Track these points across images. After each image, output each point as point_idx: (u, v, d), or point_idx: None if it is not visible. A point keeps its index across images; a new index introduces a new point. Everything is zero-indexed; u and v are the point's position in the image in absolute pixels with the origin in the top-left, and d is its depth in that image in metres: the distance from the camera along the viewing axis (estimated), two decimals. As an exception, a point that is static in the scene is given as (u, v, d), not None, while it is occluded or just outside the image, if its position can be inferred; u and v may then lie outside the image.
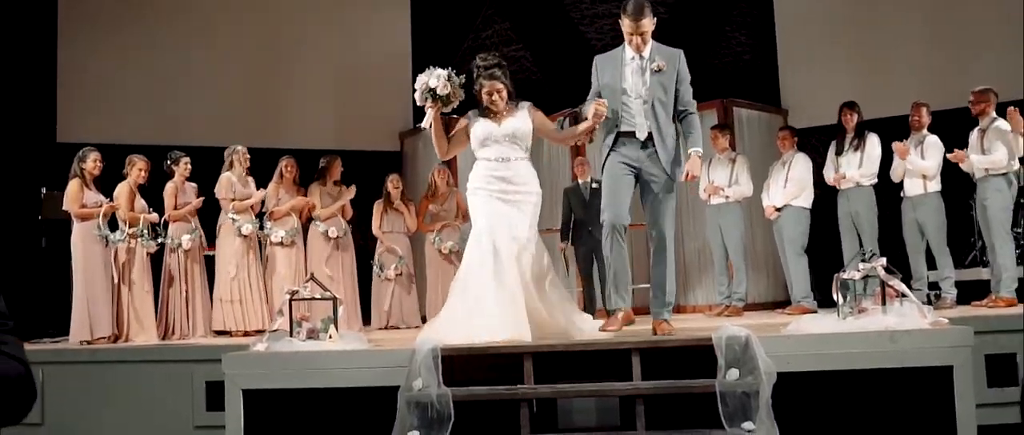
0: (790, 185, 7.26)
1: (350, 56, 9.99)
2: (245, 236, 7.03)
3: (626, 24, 4.74)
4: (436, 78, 4.82)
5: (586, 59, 5.05)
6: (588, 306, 7.44)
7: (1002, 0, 8.28)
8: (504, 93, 4.91)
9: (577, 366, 4.14)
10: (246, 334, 6.62)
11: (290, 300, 4.54)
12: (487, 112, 4.94)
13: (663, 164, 4.77)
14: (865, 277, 4.35)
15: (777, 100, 9.52)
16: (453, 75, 4.88)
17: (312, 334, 4.52)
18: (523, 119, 4.95)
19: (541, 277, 4.80)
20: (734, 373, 3.76)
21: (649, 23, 4.73)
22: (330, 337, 4.51)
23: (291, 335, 4.51)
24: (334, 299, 4.65)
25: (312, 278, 4.94)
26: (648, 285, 4.88)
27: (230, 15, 9.65)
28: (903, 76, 8.60)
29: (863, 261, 4.40)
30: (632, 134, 4.79)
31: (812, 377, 4.06)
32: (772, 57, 9.68)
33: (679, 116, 4.88)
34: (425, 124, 5.02)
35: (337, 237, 7.45)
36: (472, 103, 5.00)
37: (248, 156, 7.35)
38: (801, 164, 7.32)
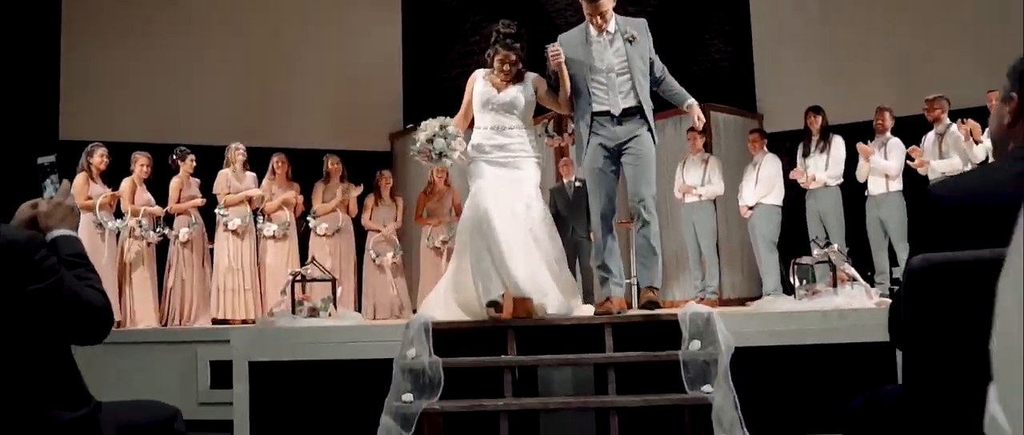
0: (760, 185, 7.75)
1: (344, 60, 10.39)
2: (233, 230, 7.43)
3: (585, 6, 4.89)
4: (430, 134, 4.81)
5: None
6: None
7: (961, 13, 8.81)
8: (518, 65, 4.98)
9: (556, 339, 4.57)
10: (243, 322, 7.04)
11: (293, 281, 4.97)
12: (492, 74, 5.01)
13: (652, 132, 4.88)
14: (819, 262, 4.81)
15: (753, 105, 9.99)
16: (447, 129, 4.85)
17: (313, 312, 4.95)
18: (524, 89, 4.99)
19: (547, 234, 4.92)
20: (696, 344, 4.21)
21: (608, 2, 4.88)
22: (329, 314, 4.93)
23: (293, 312, 4.94)
24: (333, 280, 5.08)
25: (313, 261, 5.36)
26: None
27: (229, 19, 10.05)
28: (870, 84, 9.08)
29: (819, 248, 4.87)
30: (607, 113, 4.88)
31: (769, 351, 4.51)
32: (748, 64, 10.15)
33: (657, 82, 5.03)
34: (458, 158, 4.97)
35: (328, 234, 7.86)
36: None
37: (242, 152, 7.77)
38: (771, 165, 7.81)
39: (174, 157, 7.51)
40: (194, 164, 7.54)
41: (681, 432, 4.04)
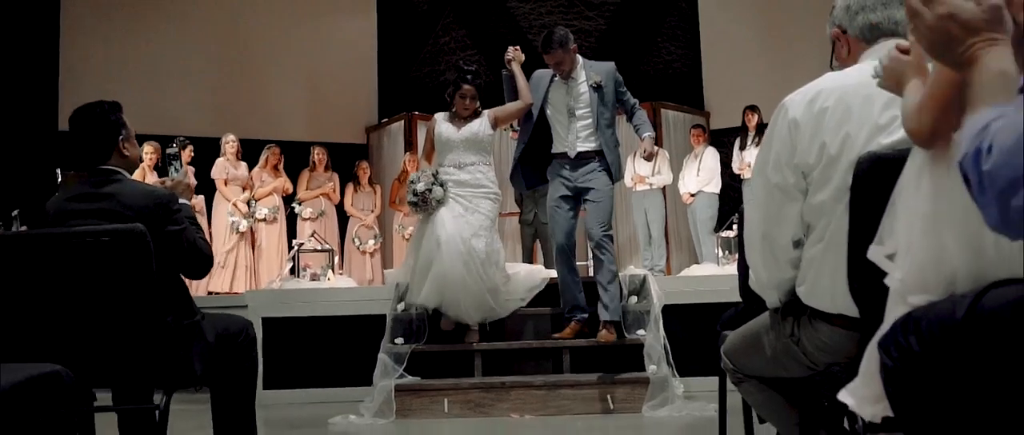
0: (701, 174, 8.87)
1: (322, 58, 11.33)
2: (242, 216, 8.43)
3: (546, 57, 5.22)
4: (426, 185, 5.24)
5: (532, 64, 6.24)
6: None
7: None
8: (477, 101, 5.40)
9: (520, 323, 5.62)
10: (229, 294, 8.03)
11: (297, 250, 5.99)
12: (453, 116, 5.43)
13: (611, 174, 5.16)
14: (739, 235, 5.92)
15: (701, 103, 11.14)
16: (442, 181, 5.29)
17: (314, 276, 5.98)
18: (481, 125, 5.38)
19: (488, 262, 5.30)
20: (634, 299, 5.30)
21: (561, 54, 5.12)
22: (328, 279, 5.96)
23: (297, 277, 5.96)
24: (330, 251, 6.11)
25: (313, 235, 6.38)
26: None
27: (216, 18, 10.98)
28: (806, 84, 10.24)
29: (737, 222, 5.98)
30: (564, 154, 5.20)
31: (692, 307, 5.61)
32: (697, 66, 11.30)
33: (629, 116, 5.37)
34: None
35: (313, 217, 8.85)
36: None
37: (233, 142, 8.75)
38: (710, 157, 8.93)
39: (174, 146, 8.44)
40: (191, 154, 8.49)
41: (619, 367, 5.09)
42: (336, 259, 6.44)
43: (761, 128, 8.71)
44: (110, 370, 2.84)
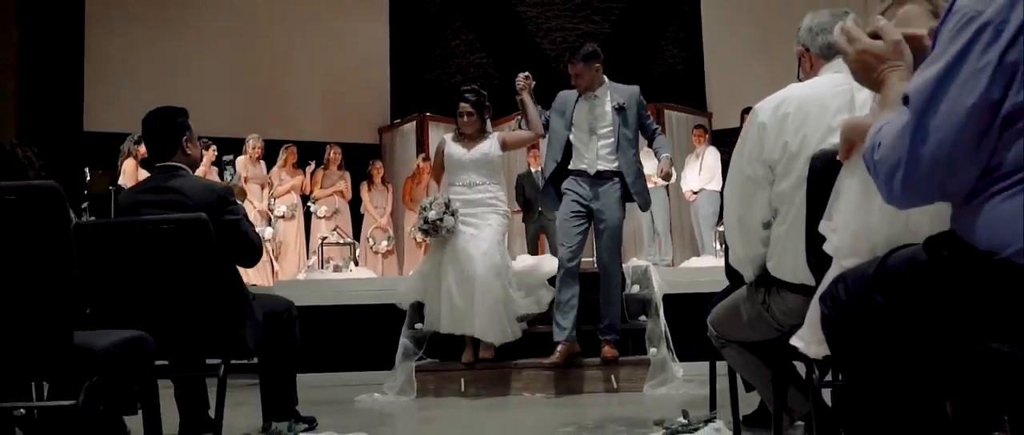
0: (703, 173, 9.30)
1: (336, 60, 11.78)
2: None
3: (569, 68, 5.36)
4: (438, 213, 5.32)
5: (540, 66, 6.61)
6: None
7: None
8: (475, 118, 5.50)
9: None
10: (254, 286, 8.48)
11: (322, 244, 6.44)
12: (460, 136, 5.56)
13: (632, 193, 5.30)
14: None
15: (704, 104, 11.58)
16: (449, 209, 5.36)
17: (337, 268, 6.42)
18: (491, 146, 5.52)
19: (498, 280, 5.34)
20: (636, 287, 5.73)
21: (582, 68, 5.27)
22: (350, 270, 6.40)
23: (322, 268, 6.41)
24: (352, 244, 6.55)
25: (336, 230, 6.83)
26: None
27: (234, 22, 11.43)
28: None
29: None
30: (583, 171, 5.30)
31: (692, 297, 6.02)
32: (699, 68, 11.74)
33: (649, 140, 5.48)
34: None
35: (327, 215, 9.27)
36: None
37: (260, 144, 9.19)
38: (711, 155, 9.36)
39: (231, 155, 8.92)
40: (215, 154, 8.94)
41: (622, 350, 5.51)
42: (358, 252, 6.88)
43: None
44: (177, 340, 3.28)
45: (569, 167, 5.36)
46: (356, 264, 6.56)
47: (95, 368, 2.49)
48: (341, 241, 6.56)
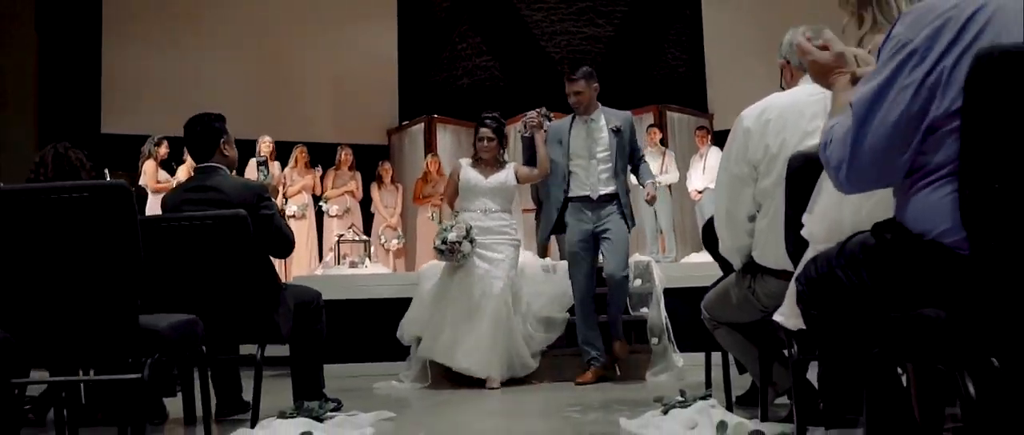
0: (707, 173, 9.64)
1: (345, 63, 12.12)
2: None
3: (567, 86, 5.47)
4: (458, 237, 5.39)
5: (545, 69, 6.82)
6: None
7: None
8: (495, 143, 5.62)
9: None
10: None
11: (339, 241, 6.78)
12: (477, 161, 5.67)
13: (624, 217, 5.41)
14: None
15: (705, 106, 11.92)
16: (462, 235, 5.41)
17: (353, 264, 6.76)
18: (508, 175, 5.65)
19: (511, 312, 5.46)
20: (639, 281, 6.06)
21: (584, 85, 5.39)
22: (365, 266, 6.74)
23: (338, 264, 6.75)
24: (366, 241, 6.90)
25: (351, 228, 7.17)
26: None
27: (244, 25, 11.78)
28: (805, 88, 11.04)
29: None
30: (586, 197, 5.42)
31: (692, 291, 6.35)
32: (701, 70, 12.08)
33: (635, 166, 5.61)
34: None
35: (339, 214, 9.61)
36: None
37: (271, 144, 9.54)
38: (714, 156, 9.68)
39: (264, 155, 9.27)
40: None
41: (626, 341, 5.84)
42: (372, 249, 7.22)
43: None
44: (219, 326, 3.61)
45: (569, 195, 5.46)
46: (370, 260, 6.89)
47: (157, 346, 2.83)
48: (356, 238, 6.90)
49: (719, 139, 10.56)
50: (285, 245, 4.00)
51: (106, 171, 9.50)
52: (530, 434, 3.97)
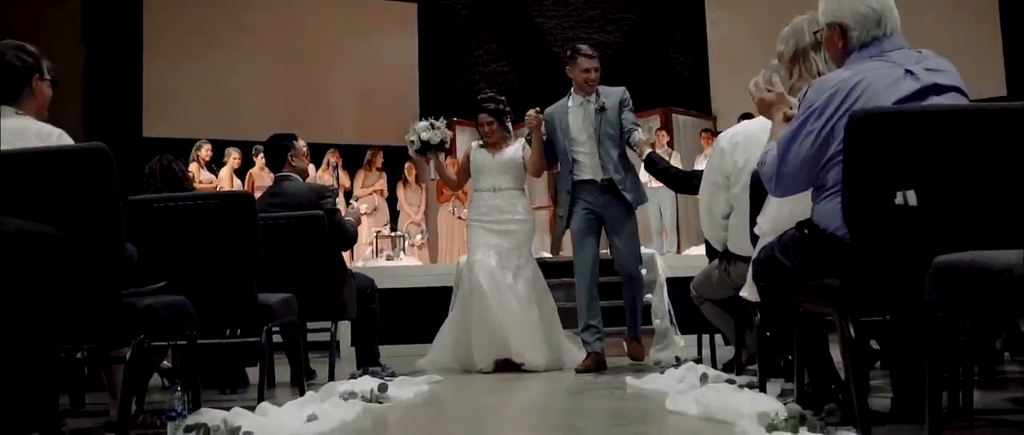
0: (708, 172, 10.55)
1: (369, 69, 13.05)
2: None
3: (582, 62, 5.37)
4: (425, 131, 5.63)
5: (557, 74, 7.33)
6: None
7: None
8: (495, 126, 5.61)
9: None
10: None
11: (377, 236, 7.71)
12: (485, 143, 5.71)
13: (626, 197, 5.32)
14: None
15: (709, 108, 12.82)
16: (432, 122, 5.71)
17: (389, 257, 7.68)
18: (516, 150, 5.65)
19: (535, 300, 5.47)
20: (644, 271, 6.95)
21: (597, 63, 5.41)
22: (400, 258, 7.67)
23: (376, 257, 7.67)
24: (403, 236, 7.82)
25: (386, 224, 8.09)
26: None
27: (276, 36, 12.72)
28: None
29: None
30: (591, 180, 5.36)
31: (690, 280, 7.26)
32: (705, 74, 12.98)
33: (626, 134, 5.36)
34: (432, 176, 6.04)
35: (369, 212, 10.53)
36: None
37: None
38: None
39: (253, 153, 10.21)
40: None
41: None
42: (407, 243, 8.15)
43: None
44: (303, 305, 4.53)
45: (574, 179, 5.40)
46: (404, 253, 7.82)
47: (272, 317, 3.76)
48: (392, 234, 7.85)
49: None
50: (345, 238, 4.91)
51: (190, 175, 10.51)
52: (551, 389, 4.81)
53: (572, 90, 5.51)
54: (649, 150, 5.32)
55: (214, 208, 3.69)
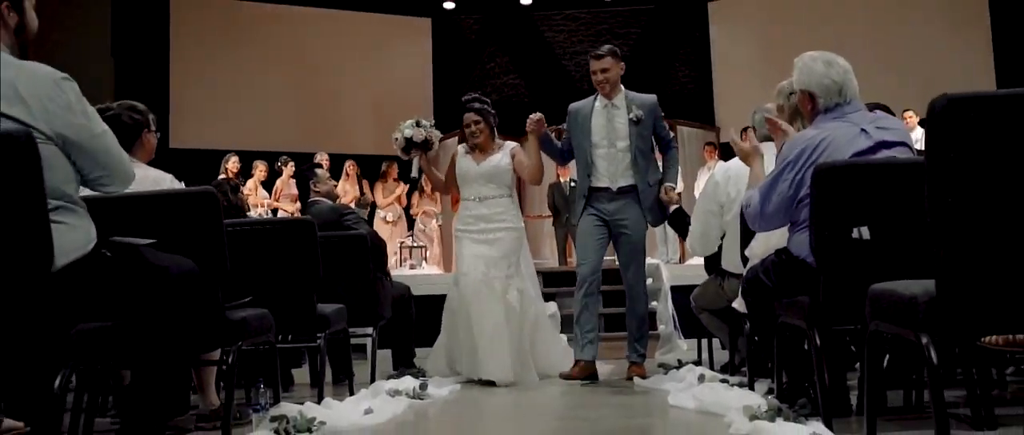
0: (710, 184, 11.20)
1: (384, 82, 13.72)
2: None
3: (591, 63, 5.29)
4: (408, 129, 5.65)
5: (566, 87, 8.06)
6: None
7: (877, 48, 12.27)
8: (482, 125, 5.43)
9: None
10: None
11: (400, 246, 8.36)
12: (472, 148, 5.51)
13: (643, 210, 5.20)
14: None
15: (712, 120, 13.47)
16: (420, 121, 5.73)
17: (412, 266, 8.34)
18: (503, 156, 5.42)
19: (523, 312, 5.28)
20: (650, 280, 7.61)
21: (611, 62, 5.21)
22: (422, 267, 8.33)
23: (400, 266, 8.33)
24: (424, 247, 8.48)
25: (411, 234, 8.76)
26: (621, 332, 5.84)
27: (296, 51, 13.41)
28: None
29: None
30: (606, 188, 5.22)
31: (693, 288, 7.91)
32: (708, 87, 13.64)
33: (662, 150, 5.39)
34: (415, 173, 6.07)
35: (393, 221, 11.22)
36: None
37: (326, 160, 11.12)
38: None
39: (279, 164, 10.88)
40: (294, 169, 10.88)
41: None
42: (428, 252, 8.82)
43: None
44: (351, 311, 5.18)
45: (591, 184, 5.28)
46: (425, 262, 8.48)
47: (327, 324, 4.41)
48: (414, 245, 8.52)
49: (726, 152, 12.12)
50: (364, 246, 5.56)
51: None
52: (567, 387, 5.42)
53: (596, 94, 5.35)
54: (676, 207, 5.40)
55: (281, 232, 4.34)
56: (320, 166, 9.55)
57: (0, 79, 2.30)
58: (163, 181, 3.57)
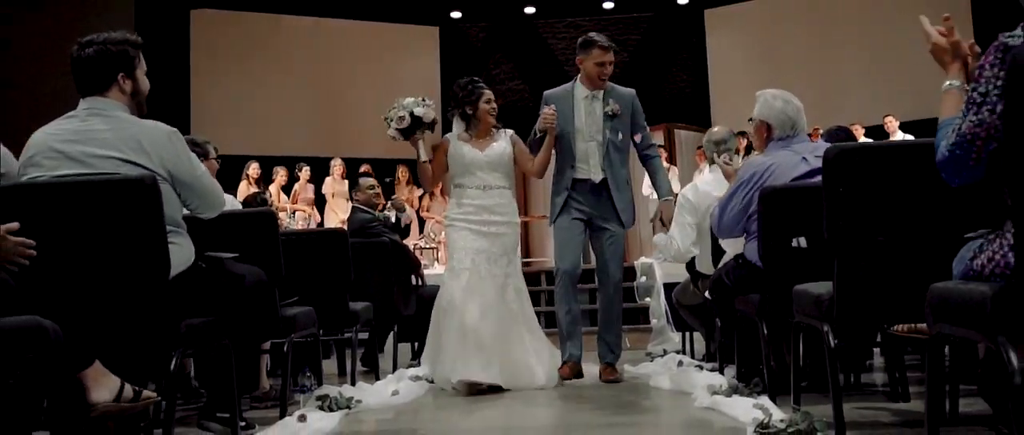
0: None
1: (394, 88, 14.34)
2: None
3: (596, 54, 5.14)
4: (419, 107, 5.31)
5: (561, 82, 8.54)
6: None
7: (869, 45, 13.01)
8: (496, 107, 5.24)
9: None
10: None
11: (414, 249, 9.14)
12: (471, 134, 5.26)
13: (618, 211, 5.14)
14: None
15: (709, 123, 14.19)
16: (423, 98, 5.44)
17: (425, 267, 9.11)
18: (506, 144, 5.22)
19: (520, 313, 5.12)
20: (644, 278, 8.40)
21: (613, 56, 5.19)
22: (433, 268, 9.10)
23: (413, 266, 9.10)
24: (435, 248, 9.26)
25: (422, 236, 9.53)
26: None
27: (312, 61, 14.20)
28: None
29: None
30: (586, 180, 5.15)
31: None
32: (705, 91, 14.40)
33: (642, 159, 5.34)
34: (426, 157, 5.37)
35: (409, 222, 11.96)
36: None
37: (342, 165, 11.90)
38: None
39: (297, 168, 11.67)
40: (310, 174, 11.67)
41: (634, 322, 8.17)
42: (440, 254, 9.59)
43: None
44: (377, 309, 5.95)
45: (574, 176, 5.19)
46: (438, 263, 9.26)
47: (357, 320, 5.19)
48: (426, 246, 9.29)
49: (719, 154, 12.89)
50: (386, 252, 6.35)
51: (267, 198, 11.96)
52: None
53: (578, 79, 5.28)
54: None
55: (318, 241, 5.13)
56: (369, 174, 10.27)
57: (128, 135, 3.09)
58: (229, 202, 4.35)
